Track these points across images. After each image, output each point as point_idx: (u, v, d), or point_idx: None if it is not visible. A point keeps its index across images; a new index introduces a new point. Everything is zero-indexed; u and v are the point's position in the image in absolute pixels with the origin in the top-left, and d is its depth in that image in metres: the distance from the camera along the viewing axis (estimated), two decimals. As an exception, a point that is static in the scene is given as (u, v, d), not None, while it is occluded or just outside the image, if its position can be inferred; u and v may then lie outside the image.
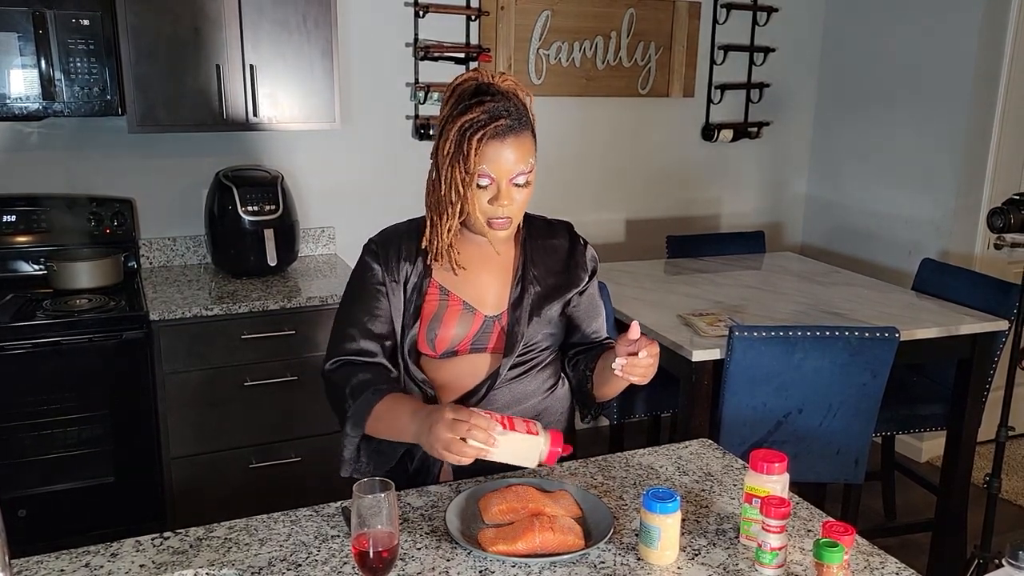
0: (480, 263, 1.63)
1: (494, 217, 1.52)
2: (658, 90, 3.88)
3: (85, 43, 2.62)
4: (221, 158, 3.18)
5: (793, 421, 2.42)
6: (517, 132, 1.49)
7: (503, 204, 1.50)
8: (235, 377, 2.75)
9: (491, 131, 1.47)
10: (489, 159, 1.47)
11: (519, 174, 1.50)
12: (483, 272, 1.63)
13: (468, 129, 1.47)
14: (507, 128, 1.48)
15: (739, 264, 3.48)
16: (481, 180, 1.49)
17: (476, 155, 1.47)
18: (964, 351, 2.73)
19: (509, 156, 1.48)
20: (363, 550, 1.14)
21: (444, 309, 1.60)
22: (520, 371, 1.63)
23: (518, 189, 1.52)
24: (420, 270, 1.61)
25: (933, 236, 3.69)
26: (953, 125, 3.58)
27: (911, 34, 3.73)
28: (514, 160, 1.49)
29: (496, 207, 1.50)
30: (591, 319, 1.74)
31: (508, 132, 1.48)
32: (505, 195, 1.50)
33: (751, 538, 1.33)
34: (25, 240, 2.91)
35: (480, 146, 1.47)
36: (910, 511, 3.31)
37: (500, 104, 1.48)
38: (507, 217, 1.52)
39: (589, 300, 1.73)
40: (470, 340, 1.60)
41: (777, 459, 1.34)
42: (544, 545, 1.30)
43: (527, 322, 1.61)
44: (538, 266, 1.66)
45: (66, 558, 1.29)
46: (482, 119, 1.47)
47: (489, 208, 1.51)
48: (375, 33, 3.34)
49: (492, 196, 1.50)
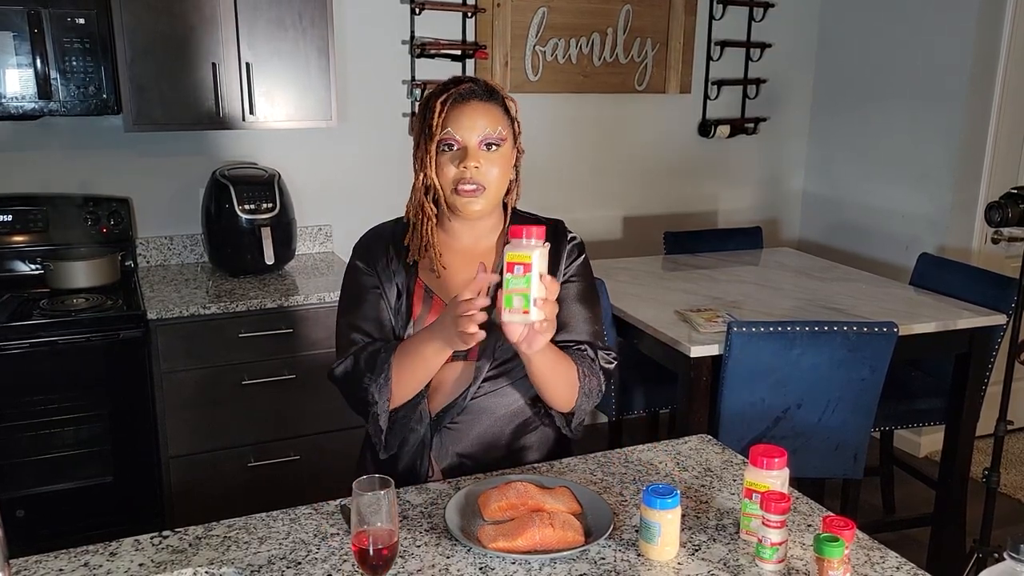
0: (464, 265, 1.59)
1: (461, 183, 1.48)
2: (655, 86, 3.88)
3: (81, 42, 2.61)
4: (217, 156, 3.17)
5: (792, 416, 2.42)
6: (483, 99, 1.51)
7: (469, 164, 1.47)
8: (233, 376, 2.74)
9: (454, 94, 1.49)
10: (453, 119, 1.48)
11: (486, 136, 1.49)
12: (464, 276, 1.57)
13: (433, 96, 1.50)
14: (470, 92, 1.50)
15: (737, 260, 3.48)
16: (447, 143, 1.48)
17: (440, 117, 1.47)
18: (962, 346, 2.73)
19: (475, 117, 1.48)
20: (363, 547, 1.14)
21: (427, 312, 1.58)
22: (504, 374, 1.59)
23: (487, 154, 1.49)
24: (406, 270, 1.59)
25: (930, 231, 3.70)
26: (950, 120, 3.58)
27: (907, 29, 3.73)
28: (482, 123, 1.48)
29: (462, 169, 1.48)
30: (565, 321, 1.59)
31: (472, 96, 1.50)
32: (473, 156, 1.47)
33: (751, 533, 1.33)
34: (21, 240, 2.90)
35: (444, 108, 1.48)
36: (909, 506, 3.31)
37: (473, 80, 1.52)
38: (476, 183, 1.48)
39: (566, 299, 1.60)
40: None
41: (777, 454, 1.34)
42: (544, 542, 1.29)
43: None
44: None
45: (65, 557, 1.29)
46: (450, 88, 1.50)
47: (456, 172, 1.48)
48: (371, 30, 3.33)
49: (459, 159, 1.48)
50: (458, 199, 1.50)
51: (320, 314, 2.80)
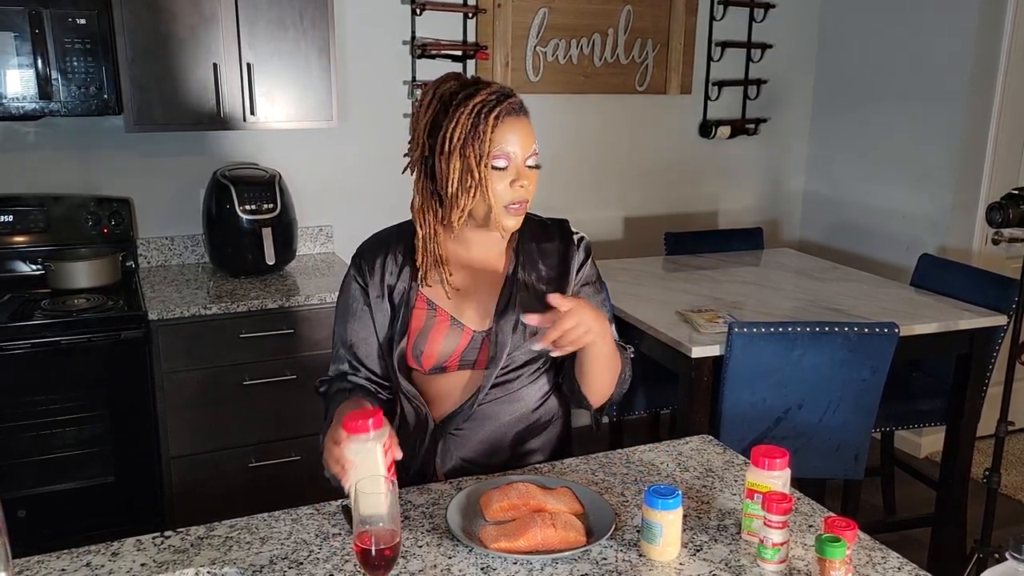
0: (471, 275, 1.57)
1: (513, 202, 1.45)
2: (655, 87, 3.88)
3: (82, 42, 2.61)
4: (218, 157, 3.17)
5: (793, 417, 2.43)
6: (526, 113, 1.48)
7: (523, 185, 1.44)
8: (234, 376, 2.74)
9: (506, 108, 1.43)
10: (507, 137, 1.42)
11: (533, 153, 1.47)
12: (473, 285, 1.57)
13: (482, 109, 1.41)
14: (520, 106, 1.46)
15: (737, 260, 3.48)
16: (498, 161, 1.43)
17: (494, 132, 1.41)
18: (963, 346, 2.73)
19: (525, 134, 1.45)
20: (365, 548, 1.14)
21: (431, 325, 1.55)
22: (509, 383, 1.58)
23: (530, 172, 1.47)
24: (407, 279, 1.56)
25: (931, 232, 3.70)
26: (951, 120, 3.58)
27: (908, 29, 3.73)
28: (529, 140, 1.46)
29: (516, 189, 1.44)
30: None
31: (521, 110, 1.46)
32: (524, 175, 1.45)
33: (753, 533, 1.33)
34: (23, 240, 2.90)
35: (498, 123, 1.41)
36: (910, 506, 3.31)
37: (501, 87, 1.46)
38: (525, 200, 1.47)
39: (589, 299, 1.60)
40: (458, 356, 1.55)
41: (779, 455, 1.34)
42: (546, 542, 1.29)
43: (511, 332, 1.53)
44: (530, 272, 1.58)
45: (67, 557, 1.29)
46: (493, 98, 1.42)
47: (508, 192, 1.44)
48: (372, 31, 3.33)
49: (512, 178, 1.44)
50: (508, 218, 1.47)
51: (321, 314, 2.80)
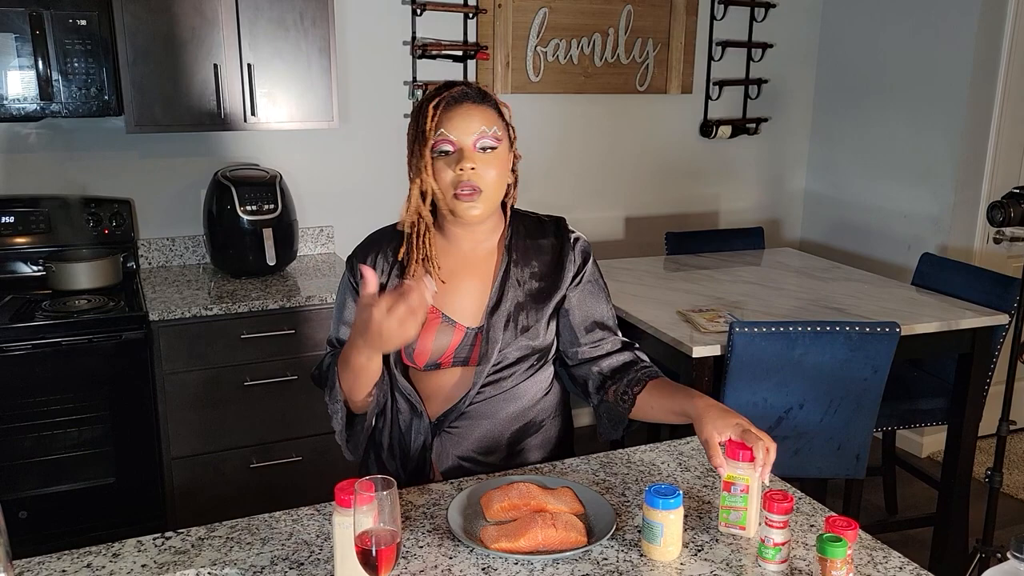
0: (463, 272, 1.58)
1: (458, 186, 1.46)
2: (656, 87, 3.88)
3: (82, 43, 2.61)
4: (219, 158, 3.18)
5: (794, 417, 2.42)
6: (476, 101, 1.49)
7: (465, 166, 1.45)
8: (235, 377, 2.75)
9: (447, 97, 1.48)
10: (447, 122, 1.46)
11: (482, 136, 1.47)
12: (465, 281, 1.57)
13: (425, 100, 1.49)
14: (463, 95, 1.49)
15: (738, 260, 3.48)
16: (442, 146, 1.46)
17: (433, 120, 1.46)
18: (964, 346, 2.73)
19: (469, 118, 1.47)
20: (365, 548, 1.14)
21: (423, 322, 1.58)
22: (503, 380, 1.58)
23: (483, 156, 1.47)
24: (398, 278, 1.57)
25: (932, 231, 3.69)
26: (951, 119, 3.58)
27: (909, 28, 3.73)
28: (476, 124, 1.47)
29: (458, 172, 1.45)
30: (590, 324, 1.63)
31: (465, 98, 1.49)
32: (469, 157, 1.45)
33: (729, 525, 1.36)
34: (24, 241, 2.91)
35: (437, 112, 1.46)
36: (911, 506, 3.31)
37: (463, 85, 1.51)
38: (473, 186, 1.46)
39: (582, 302, 1.63)
40: (452, 353, 1.56)
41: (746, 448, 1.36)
42: (546, 542, 1.29)
43: (503, 329, 1.55)
44: (523, 269, 1.59)
45: (68, 558, 1.29)
46: (440, 92, 1.49)
47: (453, 175, 1.46)
48: (373, 31, 3.33)
49: (456, 162, 1.46)
50: (458, 204, 1.47)
51: (322, 315, 2.80)
